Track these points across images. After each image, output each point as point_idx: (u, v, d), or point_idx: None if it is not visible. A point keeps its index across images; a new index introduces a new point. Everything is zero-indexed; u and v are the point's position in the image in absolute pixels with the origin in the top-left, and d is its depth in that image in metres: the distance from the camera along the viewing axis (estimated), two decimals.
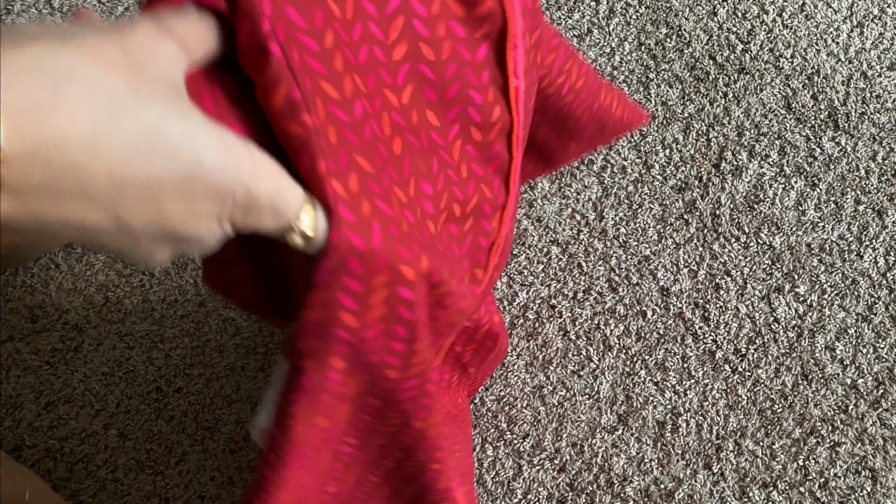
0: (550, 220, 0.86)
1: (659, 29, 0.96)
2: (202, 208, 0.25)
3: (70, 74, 0.21)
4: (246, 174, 0.25)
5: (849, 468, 0.74)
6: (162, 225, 0.24)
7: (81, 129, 0.21)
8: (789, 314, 0.81)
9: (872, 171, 0.87)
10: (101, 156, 0.22)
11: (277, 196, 0.27)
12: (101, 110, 0.22)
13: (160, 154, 0.23)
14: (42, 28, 0.23)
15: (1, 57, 0.20)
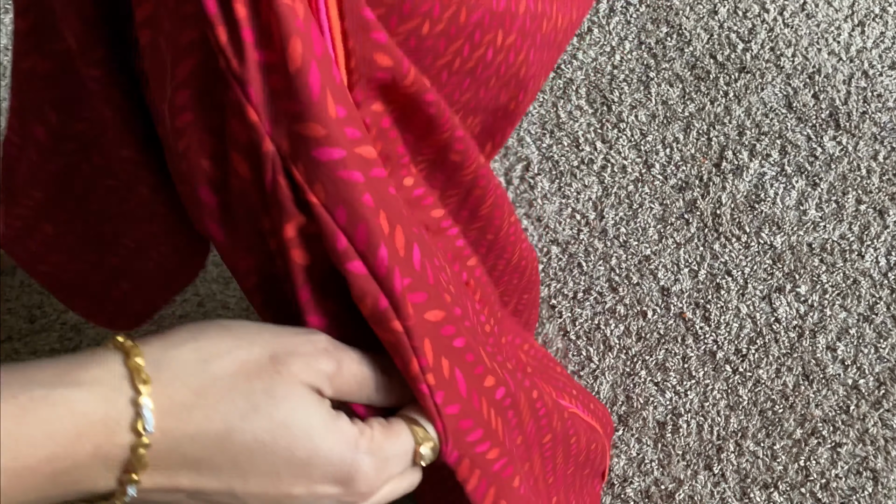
0: (550, 220, 0.86)
1: (659, 28, 0.96)
2: (323, 491, 0.28)
3: (213, 381, 0.26)
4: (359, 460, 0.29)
5: (850, 469, 0.74)
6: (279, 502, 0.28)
7: (216, 426, 0.25)
8: (790, 314, 0.80)
9: (874, 170, 0.87)
10: (230, 447, 0.26)
11: (397, 465, 0.30)
12: (236, 412, 0.26)
13: (282, 446, 0.27)
14: (206, 330, 0.27)
15: (155, 357, 0.25)
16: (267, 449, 0.26)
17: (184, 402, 0.25)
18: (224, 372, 0.26)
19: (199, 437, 0.25)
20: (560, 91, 0.93)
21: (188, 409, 0.25)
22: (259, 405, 0.26)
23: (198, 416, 0.25)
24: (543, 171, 0.89)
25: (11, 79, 0.37)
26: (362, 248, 0.29)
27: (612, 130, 0.90)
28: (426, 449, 0.31)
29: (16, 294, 0.85)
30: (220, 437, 0.25)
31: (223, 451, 0.26)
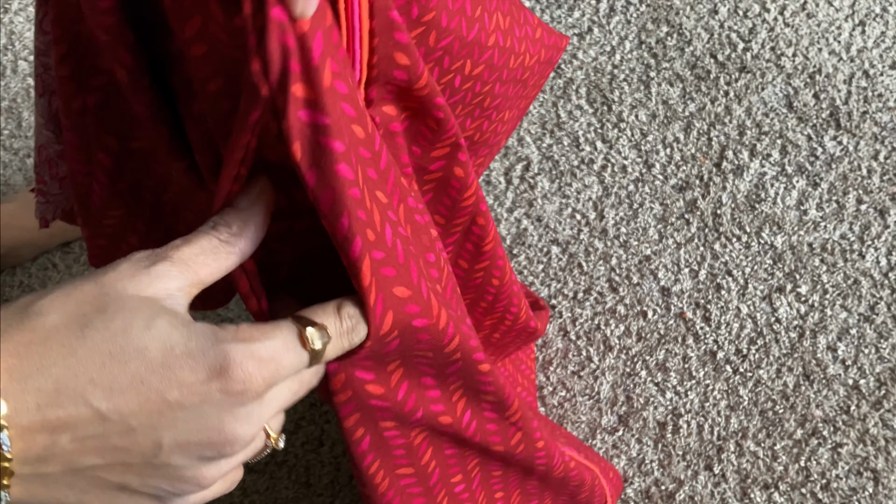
0: (550, 220, 0.86)
1: (660, 27, 0.96)
2: (199, 389, 0.27)
3: (46, 337, 0.26)
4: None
5: (851, 469, 0.74)
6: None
7: (59, 370, 0.25)
8: (791, 314, 0.80)
9: (874, 170, 0.86)
10: (81, 367, 0.25)
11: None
12: (71, 335, 0.26)
13: (131, 351, 0.26)
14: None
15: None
16: (116, 359, 0.25)
17: (39, 389, 0.24)
18: (53, 323, 0.26)
19: (52, 391, 0.25)
20: (560, 91, 0.93)
21: (30, 375, 0.25)
22: (91, 321, 0.26)
23: (42, 381, 0.25)
24: (543, 170, 0.88)
25: (66, 120, 0.40)
26: (325, 211, 0.30)
27: (613, 130, 0.90)
28: (314, 335, 0.30)
29: (15, 294, 0.85)
30: (68, 363, 0.25)
31: (76, 375, 0.25)
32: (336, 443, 0.77)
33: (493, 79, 0.46)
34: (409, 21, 0.37)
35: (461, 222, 0.45)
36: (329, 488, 0.75)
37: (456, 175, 0.41)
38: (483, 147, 0.53)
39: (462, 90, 0.44)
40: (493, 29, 0.44)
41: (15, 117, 0.96)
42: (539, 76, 0.54)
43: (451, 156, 0.39)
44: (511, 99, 0.51)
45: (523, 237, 0.85)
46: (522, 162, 0.89)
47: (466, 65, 0.43)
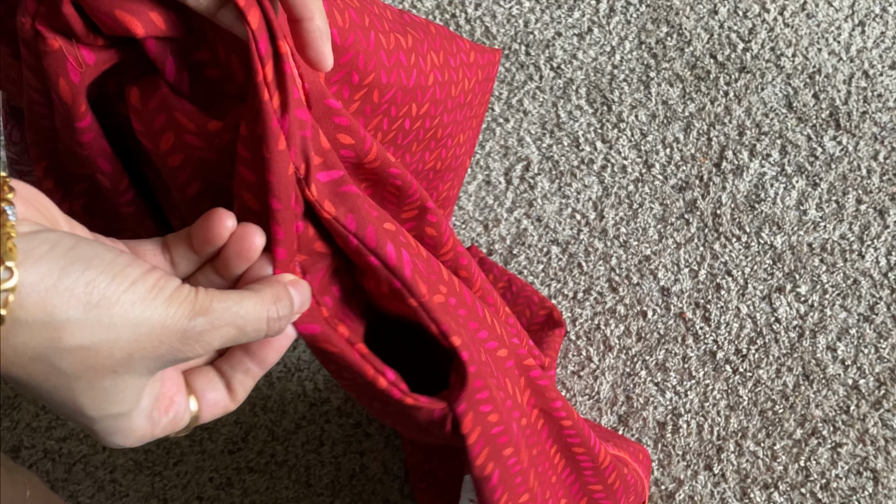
0: (550, 220, 0.86)
1: (659, 27, 0.96)
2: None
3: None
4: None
5: (850, 469, 0.74)
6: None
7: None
8: (790, 314, 0.80)
9: (874, 170, 0.86)
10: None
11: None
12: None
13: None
14: None
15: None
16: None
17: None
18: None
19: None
20: (560, 91, 0.93)
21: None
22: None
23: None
24: (543, 171, 0.88)
25: None
26: (372, 247, 0.34)
27: (612, 130, 0.90)
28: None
29: None
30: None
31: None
32: (336, 443, 0.77)
33: (440, 112, 0.49)
34: (351, 87, 0.41)
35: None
36: (329, 488, 0.75)
37: (428, 234, 0.43)
38: (447, 172, 0.56)
39: (413, 130, 0.48)
40: (430, 69, 0.47)
41: None
42: (482, 94, 0.57)
43: (420, 217, 0.42)
44: (461, 122, 0.54)
45: (523, 237, 0.85)
46: (522, 162, 0.89)
47: (412, 108, 0.46)
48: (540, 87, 0.93)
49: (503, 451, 0.40)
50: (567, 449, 0.49)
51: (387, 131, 0.45)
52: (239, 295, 0.29)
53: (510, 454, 0.41)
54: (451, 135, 0.52)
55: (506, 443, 0.40)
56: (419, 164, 0.51)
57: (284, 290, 0.31)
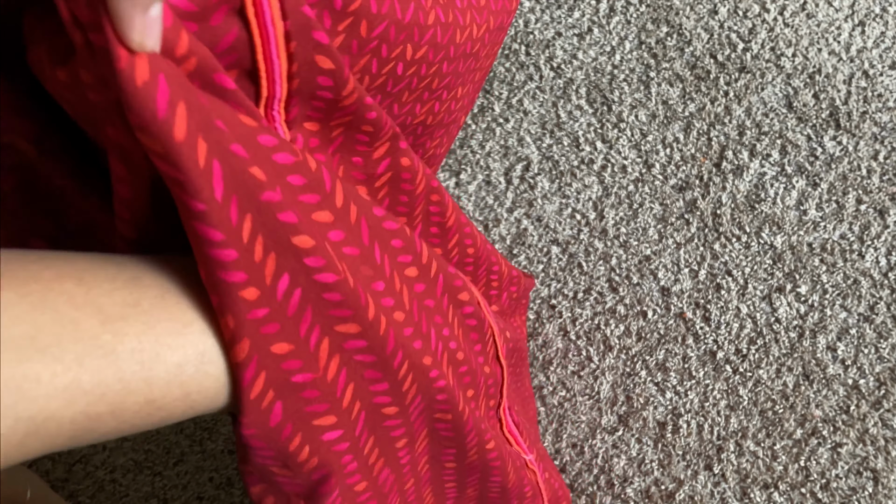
0: (550, 220, 0.86)
1: (660, 27, 0.96)
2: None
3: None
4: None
5: (850, 469, 0.74)
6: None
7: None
8: (790, 314, 0.80)
9: (874, 170, 0.86)
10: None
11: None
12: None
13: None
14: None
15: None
16: None
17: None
18: None
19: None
20: (560, 91, 0.93)
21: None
22: None
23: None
24: (543, 171, 0.88)
25: None
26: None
27: (613, 130, 0.90)
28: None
29: None
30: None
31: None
32: None
33: (440, 58, 0.42)
34: (334, 13, 0.33)
35: (420, 210, 0.43)
36: None
37: (403, 166, 0.38)
38: (438, 128, 0.50)
39: (406, 77, 0.41)
40: (430, 5, 0.40)
41: None
42: (491, 45, 0.50)
43: (394, 149, 0.37)
44: (462, 75, 0.47)
45: (523, 237, 0.85)
46: (522, 162, 0.89)
47: (407, 50, 0.39)
48: (540, 87, 0.93)
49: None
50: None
51: (375, 75, 0.38)
52: None
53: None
54: (448, 87, 0.46)
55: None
56: (408, 117, 0.45)
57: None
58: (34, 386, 0.23)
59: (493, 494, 0.49)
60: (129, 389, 0.25)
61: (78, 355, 0.24)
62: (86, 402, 0.24)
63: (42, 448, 0.24)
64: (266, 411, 0.29)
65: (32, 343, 0.23)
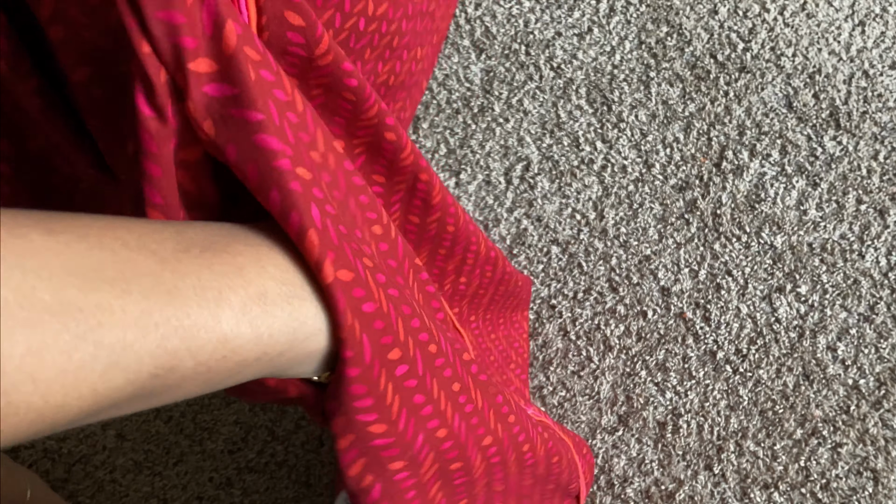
0: (550, 220, 0.86)
1: (660, 27, 0.96)
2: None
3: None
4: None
5: (850, 469, 0.74)
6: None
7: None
8: (791, 314, 0.80)
9: (874, 170, 0.86)
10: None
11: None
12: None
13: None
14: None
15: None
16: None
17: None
18: None
19: None
20: (560, 91, 0.93)
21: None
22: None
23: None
24: (543, 171, 0.88)
25: None
26: (254, 187, 0.28)
27: (613, 130, 0.90)
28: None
29: None
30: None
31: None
32: None
33: (399, 16, 0.43)
34: None
35: (403, 179, 0.43)
36: (329, 488, 0.75)
37: (387, 139, 0.38)
38: (400, 90, 0.50)
39: (368, 33, 0.41)
40: None
41: None
42: (445, 6, 0.51)
43: (378, 126, 0.37)
44: (421, 35, 0.48)
45: (523, 237, 0.85)
46: (522, 162, 0.89)
47: (369, 5, 0.40)
48: (540, 86, 0.93)
49: (388, 464, 0.34)
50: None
51: (339, 29, 0.39)
52: None
53: (399, 468, 0.35)
54: (407, 46, 0.46)
55: (394, 456, 0.34)
56: (371, 76, 0.45)
57: None
58: (108, 315, 0.23)
59: (527, 481, 0.49)
60: (199, 325, 0.25)
61: (143, 289, 0.24)
62: (160, 335, 0.24)
63: (126, 383, 0.24)
64: (356, 335, 0.30)
65: (99, 275, 0.23)
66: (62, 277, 0.22)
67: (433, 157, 0.89)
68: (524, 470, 0.47)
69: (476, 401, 0.39)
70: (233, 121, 0.27)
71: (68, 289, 0.22)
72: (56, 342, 0.21)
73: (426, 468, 0.37)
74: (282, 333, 0.28)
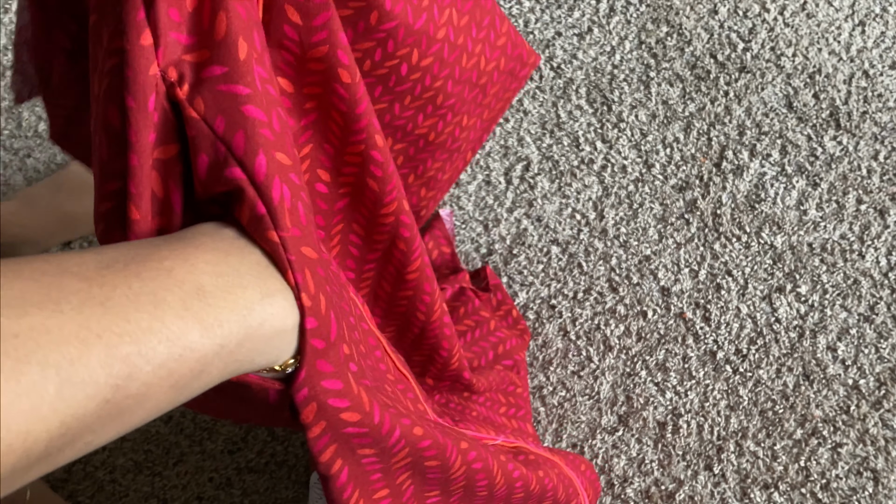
0: (550, 220, 0.86)
1: (660, 27, 0.96)
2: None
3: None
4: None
5: (850, 469, 0.74)
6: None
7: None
8: (791, 314, 0.80)
9: (874, 170, 0.86)
10: None
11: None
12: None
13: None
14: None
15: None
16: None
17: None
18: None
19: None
20: (560, 91, 0.93)
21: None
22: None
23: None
24: (543, 171, 0.88)
25: (28, 3, 0.40)
26: (240, 154, 0.29)
27: (613, 130, 0.90)
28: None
29: None
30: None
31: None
32: None
33: (444, 75, 0.44)
34: None
35: (381, 240, 0.44)
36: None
37: (370, 187, 0.39)
38: (441, 150, 0.51)
39: (409, 80, 0.43)
40: (443, 23, 0.43)
41: (15, 117, 0.96)
42: (501, 87, 0.52)
43: (363, 166, 0.38)
44: (468, 103, 0.49)
45: (523, 237, 0.85)
46: (522, 162, 0.89)
47: (413, 54, 0.41)
48: (540, 87, 0.93)
49: (357, 450, 0.35)
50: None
51: (378, 63, 0.40)
52: None
53: (368, 454, 0.35)
54: (453, 109, 0.48)
55: (366, 444, 0.35)
56: (410, 124, 0.46)
57: None
58: (45, 335, 0.23)
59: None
60: (143, 328, 0.25)
61: (74, 306, 0.24)
62: (105, 344, 0.25)
63: (86, 398, 0.24)
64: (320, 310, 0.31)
65: (25, 302, 0.23)
66: None
67: None
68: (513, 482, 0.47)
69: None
70: (222, 95, 0.28)
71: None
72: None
73: (398, 459, 0.37)
74: (231, 322, 0.27)
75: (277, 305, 0.29)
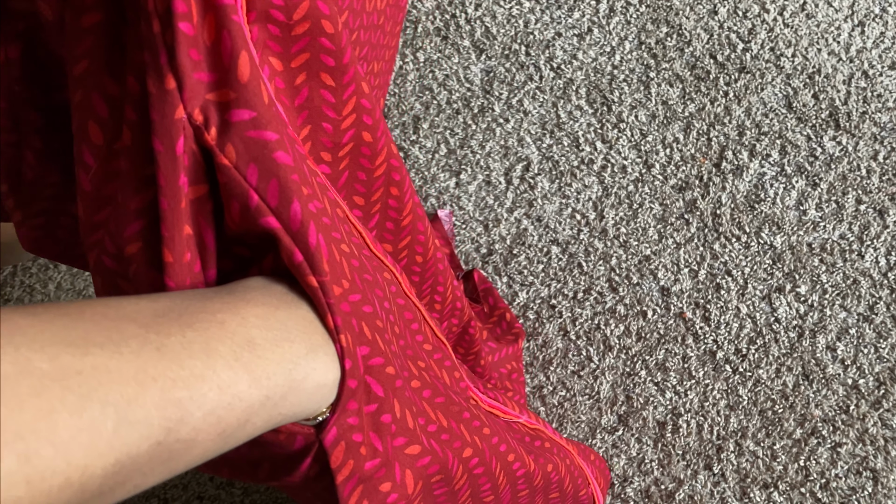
0: (550, 220, 0.86)
1: (659, 28, 0.96)
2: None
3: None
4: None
5: (850, 469, 0.74)
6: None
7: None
8: (790, 314, 0.80)
9: (874, 170, 0.87)
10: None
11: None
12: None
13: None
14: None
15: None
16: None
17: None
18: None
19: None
20: (560, 91, 0.93)
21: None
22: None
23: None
24: (543, 171, 0.89)
25: None
26: (275, 205, 0.29)
27: (612, 130, 0.90)
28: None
29: (16, 294, 0.85)
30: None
31: None
32: None
33: (357, 25, 0.44)
34: None
35: (378, 198, 0.43)
36: None
37: (365, 141, 0.39)
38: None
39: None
40: None
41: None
42: (392, 22, 0.52)
43: (358, 121, 0.38)
44: (376, 48, 0.49)
45: (523, 237, 0.85)
46: (522, 162, 0.89)
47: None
48: (540, 87, 0.93)
49: (379, 486, 0.34)
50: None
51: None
52: None
53: (388, 490, 0.35)
54: (366, 58, 0.47)
55: (382, 477, 0.34)
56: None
57: None
58: (105, 374, 0.24)
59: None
60: (196, 374, 0.26)
61: (133, 349, 0.25)
62: (160, 388, 0.25)
63: (140, 438, 0.24)
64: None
65: (88, 342, 0.24)
66: (54, 346, 0.23)
67: (433, 157, 0.89)
68: (516, 481, 0.47)
69: (439, 421, 0.40)
70: (252, 141, 0.29)
71: (62, 356, 0.23)
72: (63, 404, 0.22)
73: (411, 489, 0.37)
74: (278, 374, 0.29)
75: (320, 360, 0.30)
